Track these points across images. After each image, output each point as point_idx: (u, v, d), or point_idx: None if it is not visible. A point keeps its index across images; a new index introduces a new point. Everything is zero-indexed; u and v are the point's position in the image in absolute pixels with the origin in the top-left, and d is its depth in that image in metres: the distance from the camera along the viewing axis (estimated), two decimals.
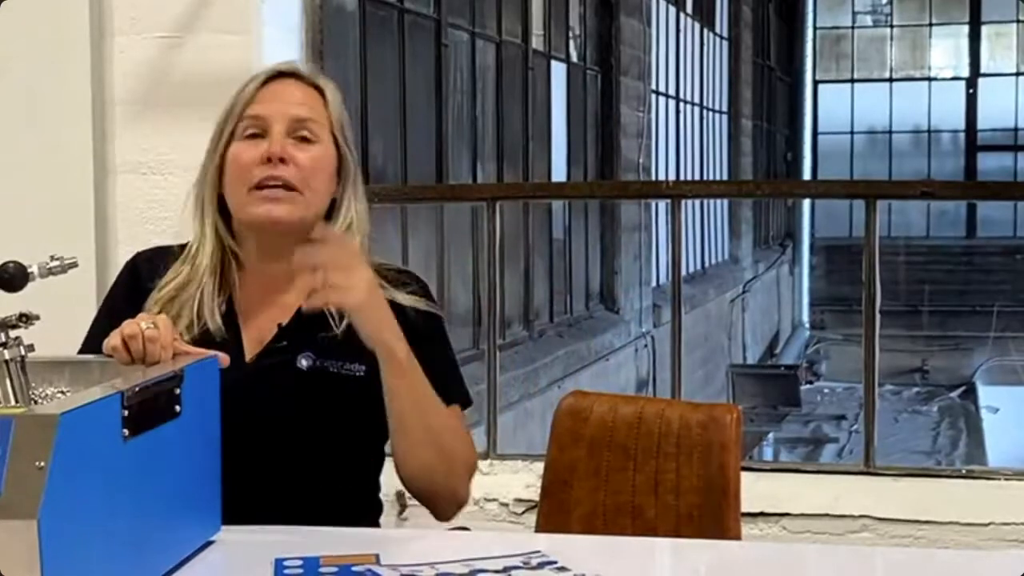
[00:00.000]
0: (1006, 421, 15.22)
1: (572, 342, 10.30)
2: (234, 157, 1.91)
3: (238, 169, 1.91)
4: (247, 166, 1.90)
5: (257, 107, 1.92)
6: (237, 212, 1.93)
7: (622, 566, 1.71)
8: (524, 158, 10.01)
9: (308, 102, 1.94)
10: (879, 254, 3.16)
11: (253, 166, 1.89)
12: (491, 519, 3.12)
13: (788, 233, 21.90)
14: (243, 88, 1.95)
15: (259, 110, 1.92)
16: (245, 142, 1.92)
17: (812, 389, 17.60)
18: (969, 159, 23.55)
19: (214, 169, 1.94)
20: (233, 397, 1.76)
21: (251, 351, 1.93)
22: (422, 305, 1.97)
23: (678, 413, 2.14)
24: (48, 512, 1.29)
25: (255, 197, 1.89)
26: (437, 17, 8.46)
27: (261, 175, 1.89)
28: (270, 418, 1.89)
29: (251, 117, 1.92)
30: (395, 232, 7.53)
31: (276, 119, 1.91)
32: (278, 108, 1.92)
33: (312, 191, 1.92)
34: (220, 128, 1.94)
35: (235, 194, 1.92)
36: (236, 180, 1.91)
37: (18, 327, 1.62)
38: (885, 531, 2.98)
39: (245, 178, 1.90)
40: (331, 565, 1.60)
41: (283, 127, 1.91)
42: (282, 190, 1.89)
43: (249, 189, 1.90)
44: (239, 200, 1.91)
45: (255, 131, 1.91)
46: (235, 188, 1.91)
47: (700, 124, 16.27)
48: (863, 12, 24.58)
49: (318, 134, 1.93)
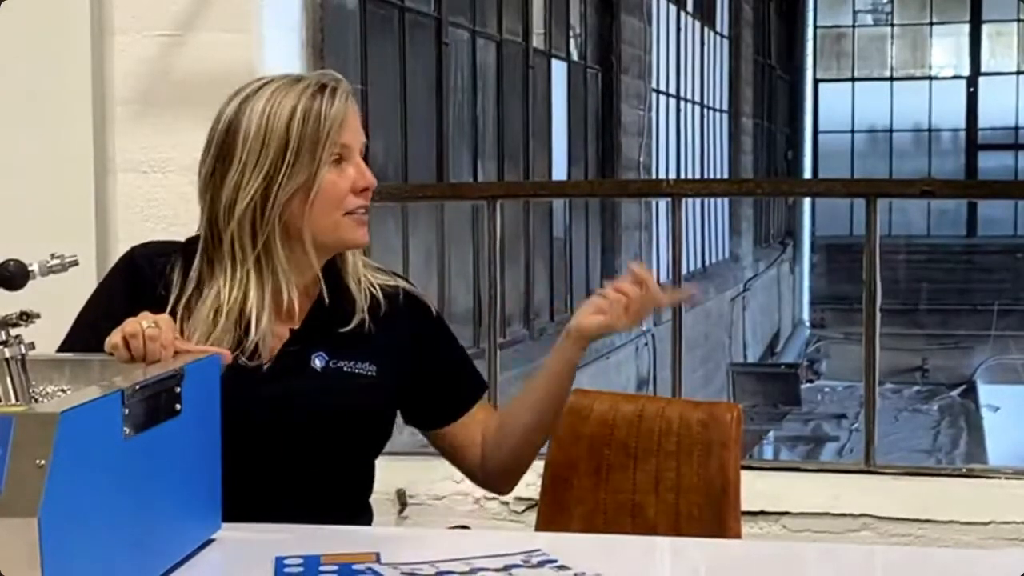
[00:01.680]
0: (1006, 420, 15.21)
1: None
2: (331, 184, 1.91)
3: (337, 196, 1.91)
4: (344, 193, 1.92)
5: (345, 134, 1.92)
6: (321, 234, 1.92)
7: (622, 565, 1.71)
8: (525, 157, 10.01)
9: (361, 123, 1.98)
10: (879, 253, 3.16)
11: (348, 193, 1.92)
12: (491, 518, 3.12)
13: (788, 232, 21.89)
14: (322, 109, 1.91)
15: (347, 138, 1.93)
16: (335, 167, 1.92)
17: (812, 388, 17.59)
18: (970, 158, 23.54)
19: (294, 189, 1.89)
20: (247, 397, 1.76)
21: (265, 355, 1.93)
22: (425, 300, 2.05)
23: (678, 412, 2.14)
24: (48, 510, 1.29)
25: (350, 221, 1.93)
26: (438, 16, 8.46)
27: (356, 203, 1.93)
28: (283, 417, 1.89)
29: (342, 145, 1.92)
30: (395, 231, 7.53)
31: (356, 147, 1.95)
32: (355, 136, 1.95)
33: None
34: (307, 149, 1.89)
35: (326, 218, 1.91)
36: (331, 206, 1.91)
37: (19, 325, 1.62)
38: (885, 530, 2.98)
39: (342, 205, 1.92)
40: (331, 564, 1.60)
41: (360, 154, 1.95)
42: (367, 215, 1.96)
43: (343, 214, 1.92)
44: (329, 224, 1.92)
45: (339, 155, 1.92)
46: (327, 212, 1.91)
47: (701, 123, 16.27)
48: (864, 11, 24.58)
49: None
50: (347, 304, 1.95)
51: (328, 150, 1.90)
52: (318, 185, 1.90)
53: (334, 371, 1.93)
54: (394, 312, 1.98)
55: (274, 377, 1.92)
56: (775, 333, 19.53)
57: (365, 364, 1.94)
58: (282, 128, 1.88)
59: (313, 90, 1.91)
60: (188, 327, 1.88)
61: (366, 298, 1.96)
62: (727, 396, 14.58)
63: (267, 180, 1.89)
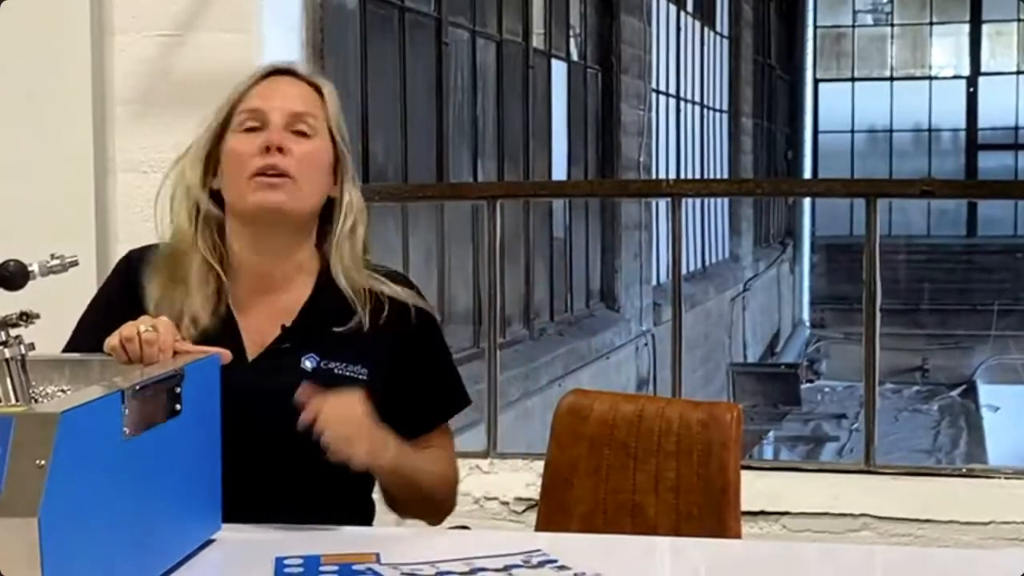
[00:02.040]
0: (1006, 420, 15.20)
1: (572, 341, 10.31)
2: (233, 148, 1.92)
3: (237, 159, 1.91)
4: (246, 155, 1.90)
5: (255, 101, 1.93)
6: (235, 202, 1.92)
7: (622, 565, 1.71)
8: (524, 157, 10.01)
9: (306, 98, 1.95)
10: (879, 253, 3.16)
11: (252, 156, 1.90)
12: (491, 518, 3.12)
13: (788, 232, 21.89)
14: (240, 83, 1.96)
15: (257, 104, 1.93)
16: (243, 135, 1.92)
17: (812, 388, 17.59)
18: (969, 158, 23.54)
19: (206, 160, 1.94)
20: (236, 396, 1.76)
21: (252, 351, 1.93)
22: (422, 303, 1.99)
23: (678, 412, 2.14)
24: (48, 510, 1.29)
25: (253, 184, 1.90)
26: (438, 16, 8.46)
27: (260, 163, 1.89)
28: (273, 417, 1.88)
29: (249, 111, 1.92)
30: (395, 231, 7.53)
31: (274, 113, 1.92)
32: (276, 103, 1.93)
33: (309, 182, 1.92)
34: (214, 120, 1.95)
35: (233, 184, 1.92)
36: (234, 170, 1.91)
37: (19, 326, 1.63)
38: (885, 530, 2.98)
39: (244, 167, 1.90)
40: (331, 564, 1.60)
41: (281, 120, 1.92)
42: (279, 178, 1.90)
43: (247, 177, 1.90)
44: (237, 189, 1.91)
45: (253, 124, 1.92)
46: (233, 178, 1.91)
47: (700, 123, 16.27)
48: (864, 11, 24.57)
49: (316, 128, 1.94)
50: (341, 305, 1.93)
51: (233, 116, 1.92)
52: (223, 149, 1.92)
53: (324, 372, 1.91)
54: (391, 316, 1.94)
55: (263, 375, 1.91)
56: (775, 333, 19.54)
57: (357, 367, 1.92)
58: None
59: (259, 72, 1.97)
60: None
61: (365, 301, 1.94)
62: (727, 396, 14.58)
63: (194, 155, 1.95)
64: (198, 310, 1.90)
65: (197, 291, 1.91)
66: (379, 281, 1.97)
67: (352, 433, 1.78)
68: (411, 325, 1.96)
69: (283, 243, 1.94)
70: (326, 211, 1.97)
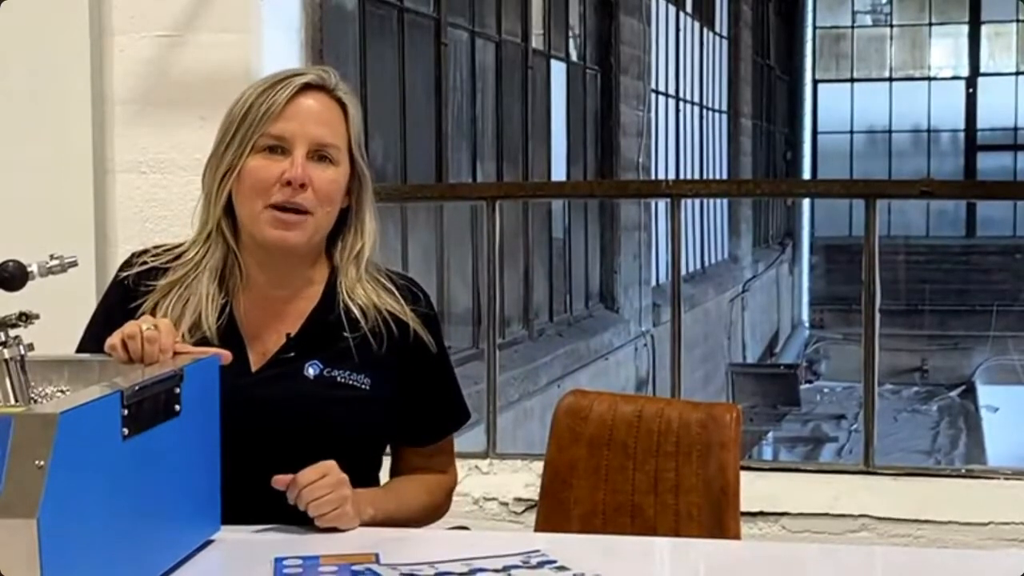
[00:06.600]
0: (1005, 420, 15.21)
1: (572, 341, 10.31)
2: (253, 170, 1.88)
3: (257, 184, 1.88)
4: (267, 183, 1.88)
5: (282, 124, 1.89)
6: (249, 224, 1.91)
7: (621, 565, 1.71)
8: (524, 157, 10.01)
9: (330, 121, 1.92)
10: (879, 253, 3.16)
11: (273, 185, 1.87)
12: (491, 518, 3.12)
13: (788, 232, 21.90)
14: (267, 96, 1.90)
15: (283, 129, 1.89)
16: (265, 156, 1.89)
17: (811, 388, 17.60)
18: (969, 159, 23.54)
19: (227, 172, 1.91)
20: (239, 402, 1.76)
21: (257, 362, 1.93)
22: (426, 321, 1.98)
23: (677, 412, 2.14)
24: (48, 511, 1.29)
25: (271, 217, 1.88)
26: (437, 16, 8.46)
27: (280, 197, 1.87)
28: (275, 422, 1.89)
29: (274, 136, 1.89)
30: (395, 231, 7.53)
31: (299, 141, 1.89)
32: (302, 129, 1.89)
33: (324, 213, 1.91)
34: (240, 133, 1.90)
35: (249, 206, 1.90)
36: (253, 193, 1.89)
37: (18, 326, 1.63)
38: (884, 530, 2.98)
39: (264, 195, 1.88)
40: (331, 564, 1.60)
41: (304, 150, 1.89)
42: (297, 215, 1.88)
43: (265, 206, 1.88)
44: (253, 214, 1.89)
45: (275, 145, 1.89)
46: (250, 201, 1.89)
47: (700, 123, 16.27)
48: (863, 11, 24.58)
49: (337, 158, 1.92)
50: (346, 315, 1.93)
51: (255, 137, 1.88)
52: (240, 167, 1.89)
53: (327, 380, 1.91)
54: (395, 330, 1.94)
55: (266, 382, 1.91)
56: (774, 334, 19.54)
57: (360, 376, 1.92)
58: (231, 114, 1.91)
59: (277, 80, 1.93)
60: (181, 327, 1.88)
61: (371, 313, 1.93)
62: (726, 396, 14.58)
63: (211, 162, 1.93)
64: (203, 319, 1.90)
65: (203, 301, 1.91)
66: (386, 292, 1.96)
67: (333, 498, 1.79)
68: (415, 339, 1.96)
69: (293, 264, 1.94)
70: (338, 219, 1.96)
